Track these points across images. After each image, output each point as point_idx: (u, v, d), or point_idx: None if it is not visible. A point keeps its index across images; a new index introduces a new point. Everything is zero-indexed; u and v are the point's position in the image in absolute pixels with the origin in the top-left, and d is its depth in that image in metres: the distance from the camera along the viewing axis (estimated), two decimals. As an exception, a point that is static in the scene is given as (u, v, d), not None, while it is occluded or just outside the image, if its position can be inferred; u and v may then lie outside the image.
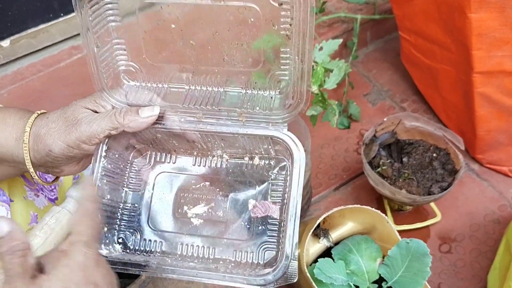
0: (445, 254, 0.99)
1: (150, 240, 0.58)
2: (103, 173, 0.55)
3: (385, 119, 1.01)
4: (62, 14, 1.29)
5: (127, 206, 0.59)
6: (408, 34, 1.14)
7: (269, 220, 0.57)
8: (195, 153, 0.61)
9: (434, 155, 1.00)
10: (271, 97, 0.56)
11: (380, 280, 0.77)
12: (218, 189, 0.60)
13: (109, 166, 0.56)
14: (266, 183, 0.60)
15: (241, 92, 0.57)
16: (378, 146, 1.01)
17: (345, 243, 0.79)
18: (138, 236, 0.58)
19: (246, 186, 0.60)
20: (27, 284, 0.40)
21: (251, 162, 0.60)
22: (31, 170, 0.54)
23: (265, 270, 0.52)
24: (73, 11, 1.34)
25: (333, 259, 0.77)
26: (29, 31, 1.27)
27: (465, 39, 0.93)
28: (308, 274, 0.72)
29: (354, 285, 0.75)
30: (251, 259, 0.56)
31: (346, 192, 1.12)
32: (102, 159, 0.55)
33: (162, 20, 0.53)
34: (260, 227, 0.57)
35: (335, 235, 0.81)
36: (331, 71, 1.02)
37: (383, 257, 0.78)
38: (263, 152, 0.60)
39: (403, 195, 0.93)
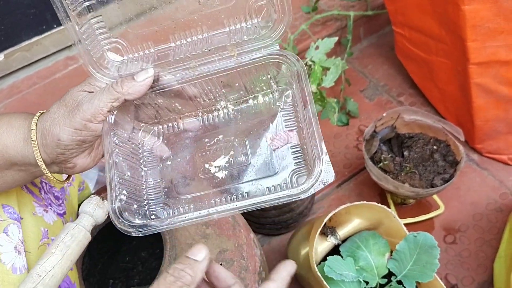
0: (450, 245, 1.00)
1: (182, 208, 0.58)
2: (116, 150, 0.55)
3: (384, 114, 1.01)
4: (55, 26, 1.28)
5: (149, 183, 0.59)
6: (402, 28, 1.15)
7: (291, 148, 0.58)
8: (199, 113, 0.62)
9: (435, 147, 1.01)
10: (255, 26, 0.57)
11: (389, 275, 0.77)
12: (233, 138, 0.60)
13: (121, 144, 0.57)
14: (277, 115, 0.60)
15: (225, 30, 0.57)
16: (379, 141, 1.02)
17: (352, 239, 0.80)
18: (170, 210, 0.58)
19: (259, 125, 0.60)
20: None
21: (256, 102, 0.61)
22: (43, 166, 0.53)
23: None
24: (66, 22, 1.34)
25: (342, 256, 0.77)
26: (23, 44, 1.27)
27: (459, 31, 0.94)
28: (318, 273, 0.73)
29: (364, 281, 0.76)
30: (286, 189, 0.56)
31: (348, 189, 1.12)
32: (112, 133, 0.55)
33: None
34: (285, 158, 0.58)
35: (342, 232, 0.81)
36: (328, 69, 1.03)
37: (391, 252, 0.79)
38: (264, 88, 0.60)
39: (406, 188, 0.93)
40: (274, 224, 1.03)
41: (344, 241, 0.82)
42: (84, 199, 0.55)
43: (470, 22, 0.91)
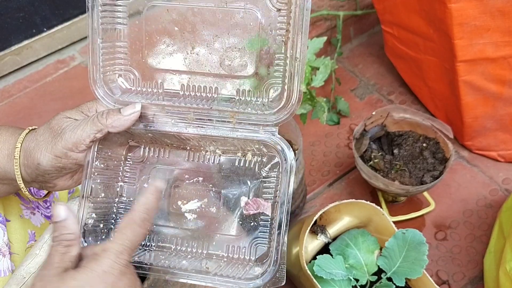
0: (441, 242, 1.01)
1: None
2: (95, 174, 0.56)
3: (373, 113, 1.02)
4: (45, 29, 1.28)
5: (122, 199, 0.60)
6: (390, 27, 1.15)
7: (261, 217, 0.58)
8: (188, 147, 0.62)
9: (424, 145, 1.01)
10: (264, 104, 0.56)
11: (379, 272, 0.78)
12: (211, 185, 0.60)
13: (101, 165, 0.57)
14: (258, 180, 0.60)
15: (234, 97, 0.57)
16: (369, 140, 1.03)
17: (342, 238, 0.80)
18: None
19: (239, 183, 0.61)
20: (56, 276, 0.44)
21: (244, 158, 0.61)
22: (22, 185, 0.54)
23: (255, 270, 0.54)
24: (56, 25, 1.35)
25: (332, 255, 0.78)
26: (13, 48, 1.27)
27: (446, 29, 0.94)
28: (308, 272, 0.73)
29: (354, 278, 0.76)
30: (243, 254, 0.58)
31: (340, 187, 1.13)
32: (95, 160, 0.55)
33: (167, 22, 0.55)
34: (252, 224, 0.59)
35: (332, 230, 0.82)
36: (318, 69, 1.03)
37: (381, 249, 0.79)
38: (255, 150, 0.61)
39: (396, 186, 0.94)
40: (266, 224, 1.03)
41: (334, 239, 0.82)
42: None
43: (457, 20, 0.92)
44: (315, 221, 0.81)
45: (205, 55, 0.56)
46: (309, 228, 0.77)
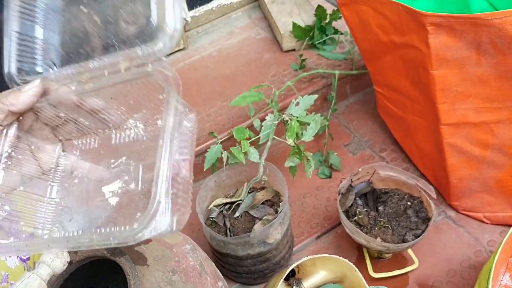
0: (424, 301, 1.01)
1: (68, 231, 0.55)
2: (8, 163, 0.53)
3: (360, 169, 1.05)
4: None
5: (52, 200, 0.57)
6: (381, 87, 1.20)
7: (178, 179, 0.51)
8: (113, 130, 0.58)
9: (409, 203, 1.04)
10: (150, 53, 0.51)
11: (351, 328, 0.79)
12: (132, 161, 0.56)
13: (19, 156, 0.54)
14: (174, 140, 0.52)
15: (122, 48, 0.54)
16: (355, 196, 1.05)
17: (317, 292, 0.82)
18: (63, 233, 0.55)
19: (156, 148, 0.53)
20: None
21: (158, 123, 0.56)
22: None
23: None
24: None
25: (306, 308, 0.79)
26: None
27: (430, 93, 0.99)
28: (279, 324, 0.75)
29: (325, 333, 0.77)
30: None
31: (327, 241, 1.15)
32: (8, 148, 0.53)
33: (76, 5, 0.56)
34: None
35: (308, 284, 0.84)
36: (309, 124, 1.08)
37: (354, 305, 0.80)
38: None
39: (377, 243, 0.96)
40: (250, 273, 1.05)
41: (310, 293, 0.84)
42: None
43: (439, 85, 0.96)
44: (292, 274, 0.84)
45: (101, 23, 0.54)
46: (281, 281, 0.79)
